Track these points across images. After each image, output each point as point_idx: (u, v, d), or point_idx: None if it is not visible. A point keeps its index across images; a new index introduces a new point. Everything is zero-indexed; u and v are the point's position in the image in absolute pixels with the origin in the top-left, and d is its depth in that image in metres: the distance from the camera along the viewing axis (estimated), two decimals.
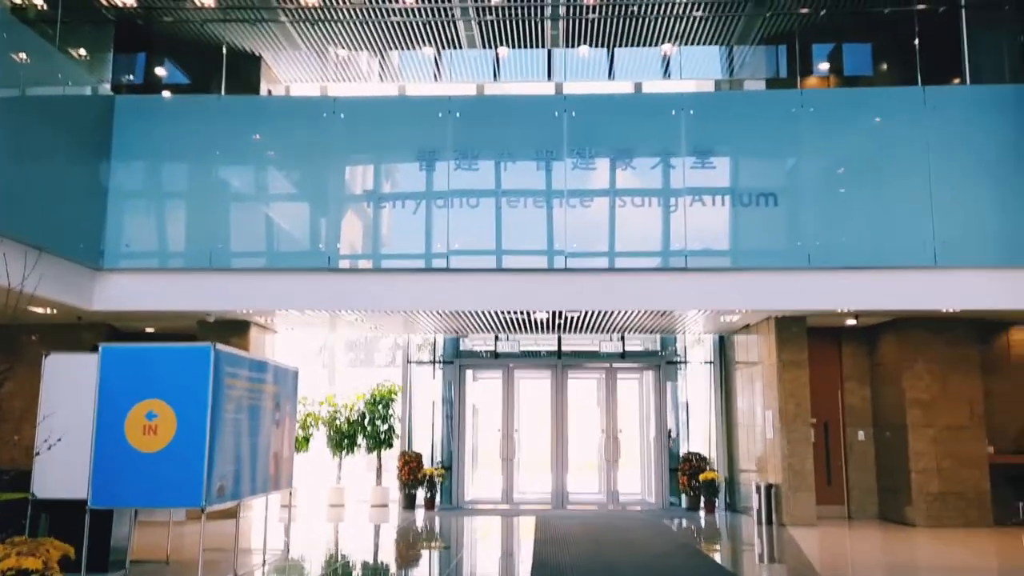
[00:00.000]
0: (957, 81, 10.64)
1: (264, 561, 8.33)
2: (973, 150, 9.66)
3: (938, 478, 11.06)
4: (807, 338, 11.30)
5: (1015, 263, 9.36)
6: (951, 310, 10.00)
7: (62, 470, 6.83)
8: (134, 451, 6.76)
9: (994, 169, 9.56)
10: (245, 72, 11.66)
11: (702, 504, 12.95)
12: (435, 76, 12.56)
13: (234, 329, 11.41)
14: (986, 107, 9.76)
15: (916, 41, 10.74)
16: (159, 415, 6.78)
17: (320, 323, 11.86)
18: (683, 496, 13.30)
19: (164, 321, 11.46)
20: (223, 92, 10.94)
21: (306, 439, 13.70)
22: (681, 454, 13.48)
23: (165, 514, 9.37)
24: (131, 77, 11.59)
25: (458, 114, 9.96)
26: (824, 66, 11.96)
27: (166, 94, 11.39)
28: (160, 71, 11.81)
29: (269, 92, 12.30)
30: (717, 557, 9.25)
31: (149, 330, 12.31)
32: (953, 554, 9.07)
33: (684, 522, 11.82)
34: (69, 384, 7.02)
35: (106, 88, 10.21)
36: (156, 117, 10.08)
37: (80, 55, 10.50)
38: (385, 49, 11.81)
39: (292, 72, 12.43)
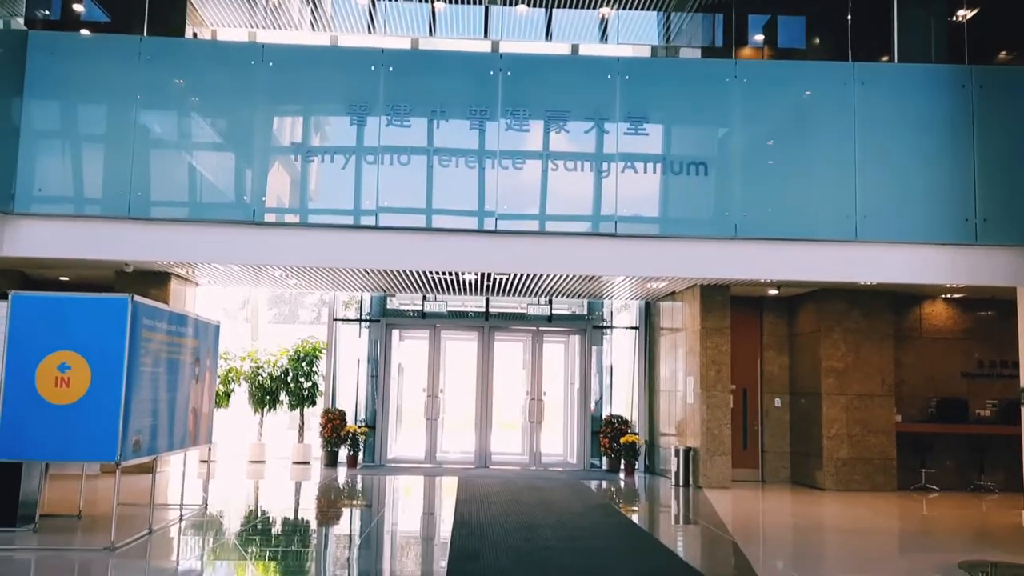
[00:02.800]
0: (886, 59, 10.97)
1: (181, 516, 8.30)
2: (898, 127, 10.00)
3: (848, 444, 11.61)
4: (730, 307, 11.66)
5: (931, 239, 9.77)
6: (869, 283, 10.42)
7: None
8: (45, 403, 6.65)
9: (917, 147, 9.92)
10: (169, 13, 11.28)
11: (622, 466, 13.32)
12: (369, 28, 12.37)
13: (153, 281, 11.19)
14: (912, 86, 10.08)
15: (848, 17, 11.02)
16: (72, 367, 6.67)
17: (244, 277, 11.70)
18: (604, 458, 13.66)
19: (80, 270, 11.16)
20: (145, 33, 10.57)
21: (227, 395, 13.58)
22: (603, 417, 13.81)
23: (78, 468, 9.23)
24: (47, 12, 11.11)
25: (391, 68, 9.85)
26: (759, 37, 12.18)
27: (84, 32, 10.96)
28: (78, 7, 11.33)
29: (195, 35, 11.94)
30: (634, 517, 9.58)
31: (64, 279, 11.97)
32: (857, 516, 9.58)
33: (604, 483, 12.17)
34: None
35: (19, 23, 9.77)
36: (73, 56, 9.70)
37: None
38: None
39: (219, 15, 12.07)
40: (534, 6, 11.74)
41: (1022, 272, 9.61)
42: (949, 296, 12.33)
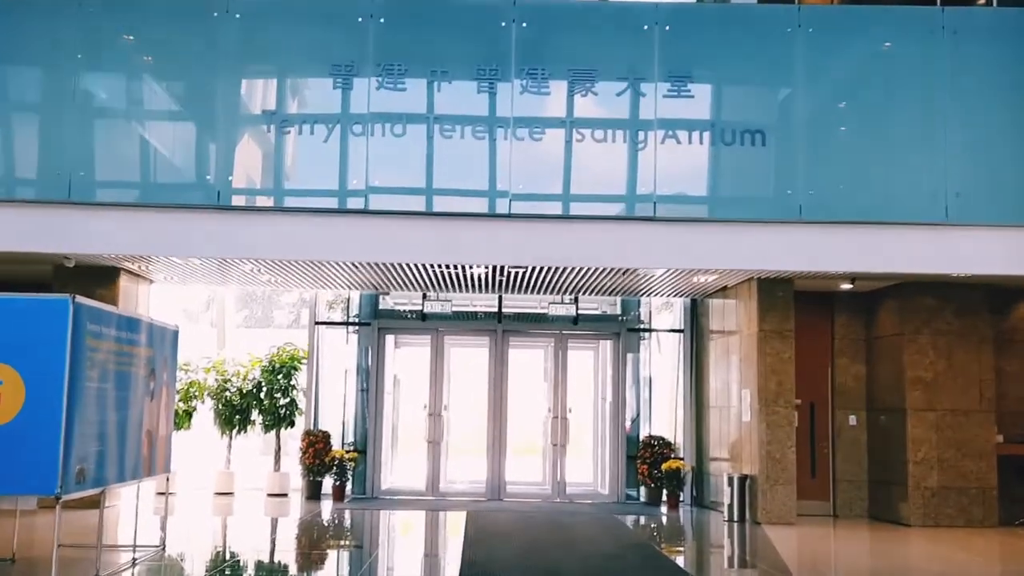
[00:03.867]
0: (983, 2, 10.88)
1: (135, 560, 8.33)
2: (998, 86, 9.92)
3: (939, 470, 11.53)
4: (794, 305, 11.59)
5: None
6: (963, 275, 10.33)
7: None
8: None
9: (1021, 111, 9.83)
10: None
11: (664, 498, 13.29)
12: None
13: (100, 277, 11.23)
14: (1016, 34, 10.00)
15: None
16: (3, 382, 6.68)
17: (207, 273, 11.74)
18: (642, 488, 13.64)
19: (11, 265, 11.22)
20: None
21: (188, 414, 13.63)
22: (641, 439, 13.78)
23: (12, 503, 9.27)
24: None
25: (382, 19, 9.84)
26: None
27: None
28: None
29: None
30: (679, 560, 9.55)
31: None
32: (951, 558, 9.51)
33: (642, 518, 12.15)
34: None
35: None
36: None
37: None
38: None
39: None
40: None
41: None
42: None
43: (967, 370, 11.72)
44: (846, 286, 11.97)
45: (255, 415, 13.97)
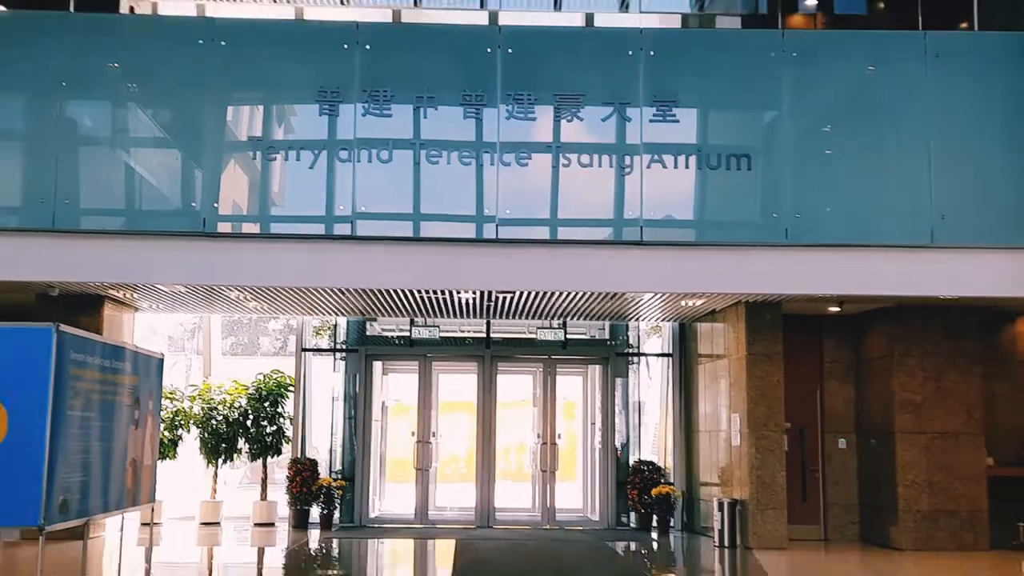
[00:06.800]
0: (964, 26, 10.99)
1: None
2: (981, 108, 10.01)
3: (929, 494, 11.52)
4: (782, 328, 11.62)
5: None
6: (950, 296, 10.38)
7: None
8: None
9: (1005, 131, 9.92)
10: None
11: (654, 523, 13.25)
12: None
13: (84, 305, 11.19)
14: (997, 58, 10.10)
15: None
16: None
17: (193, 300, 11.71)
18: (632, 514, 13.60)
19: None
20: (72, 8, 10.64)
21: (174, 443, 13.55)
22: (631, 464, 13.75)
23: None
24: None
25: (368, 46, 9.89)
26: (811, 2, 12.19)
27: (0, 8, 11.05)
28: None
29: (131, 10, 11.98)
30: None
31: None
32: None
33: (633, 545, 12.11)
34: None
35: None
36: None
37: None
38: None
39: None
40: None
41: None
42: None
43: (956, 392, 11.75)
44: (834, 309, 12.01)
45: (241, 444, 13.88)
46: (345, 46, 9.90)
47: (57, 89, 9.69)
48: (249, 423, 13.82)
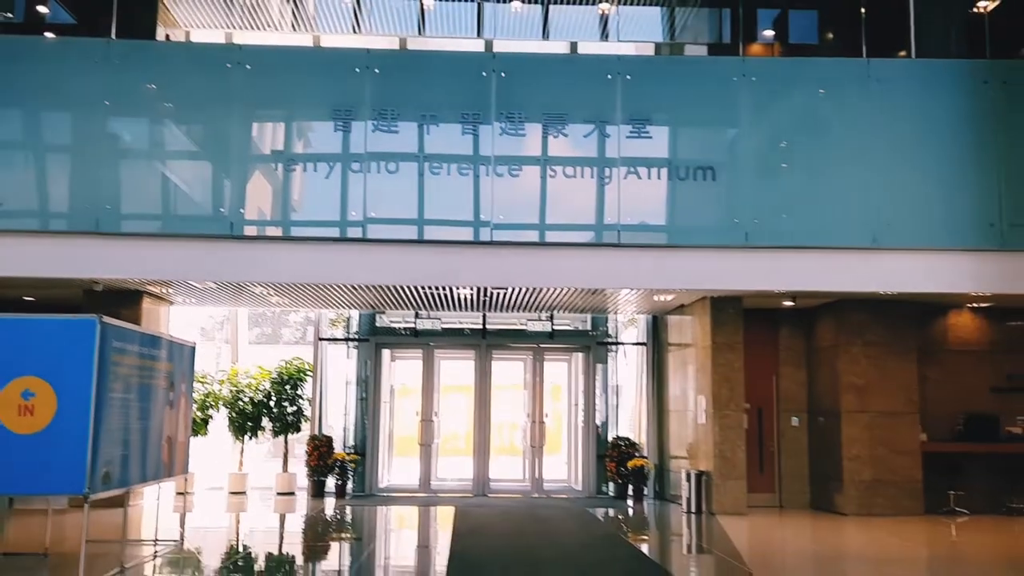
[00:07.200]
0: (904, 54, 10.98)
1: (155, 553, 8.20)
2: (917, 127, 9.99)
3: (871, 466, 11.52)
4: (743, 320, 11.60)
5: (955, 245, 9.75)
6: (890, 293, 10.38)
7: None
8: (8, 433, 6.56)
9: (938, 148, 9.91)
10: (139, 14, 11.26)
11: (630, 492, 13.23)
12: (354, 27, 12.35)
13: (124, 300, 11.12)
14: (932, 82, 10.08)
15: (862, 10, 11.03)
16: (37, 394, 6.59)
17: (222, 295, 11.64)
18: (610, 484, 13.57)
19: (45, 289, 11.09)
20: (113, 36, 10.55)
21: (205, 421, 13.47)
22: (610, 440, 13.72)
23: (44, 502, 9.13)
24: (9, 15, 11.09)
25: (377, 70, 9.83)
26: (769, 33, 12.19)
27: (49, 35, 10.94)
28: (42, 9, 11.33)
29: (167, 37, 11.92)
30: (643, 547, 9.50)
31: (29, 299, 11.91)
32: (881, 542, 9.49)
33: (610, 511, 12.08)
34: None
35: None
36: (37, 61, 9.68)
37: None
38: None
39: (193, 16, 12.05)
40: (530, 2, 11.74)
41: None
42: (976, 306, 12.27)
43: (895, 377, 11.75)
44: (788, 304, 12.00)
45: (265, 422, 13.82)
46: (357, 70, 9.83)
47: (100, 107, 9.61)
48: (272, 404, 13.76)
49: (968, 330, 12.48)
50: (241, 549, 9.13)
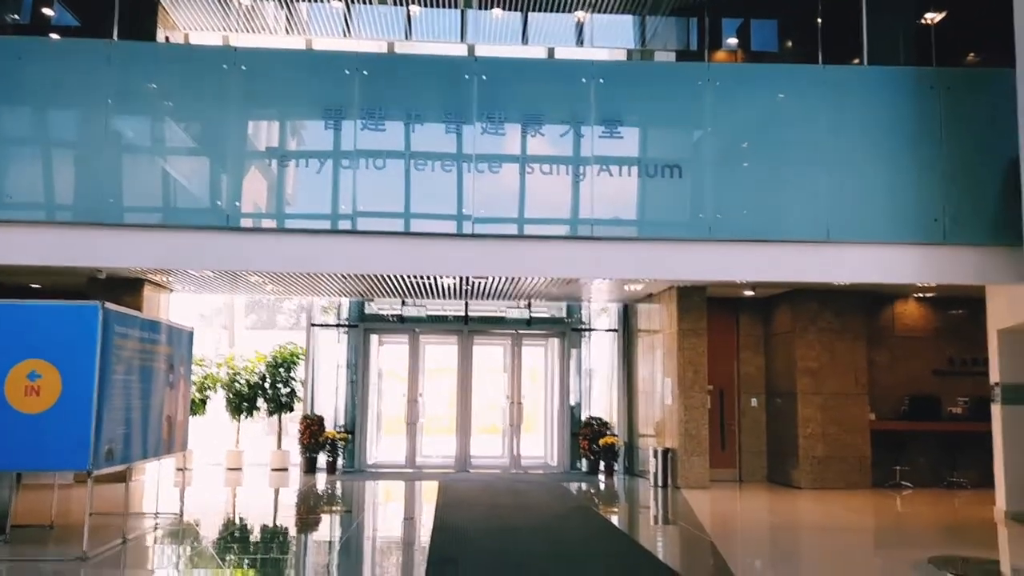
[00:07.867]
0: (856, 61, 11.02)
1: (156, 525, 8.15)
2: (867, 129, 10.01)
3: (823, 443, 11.64)
4: (706, 308, 11.66)
5: (901, 239, 9.80)
6: (841, 283, 10.44)
7: None
8: (15, 412, 6.50)
9: (886, 149, 9.95)
10: (140, 17, 11.13)
11: (602, 468, 13.28)
12: (344, 31, 12.26)
13: (126, 287, 11.02)
14: (881, 88, 10.10)
15: (819, 20, 11.06)
16: (42, 376, 6.53)
17: (220, 283, 11.55)
18: (584, 460, 13.61)
19: (51, 277, 10.97)
20: (115, 37, 10.41)
21: (203, 402, 13.39)
22: (583, 419, 13.76)
23: (50, 477, 9.05)
24: (16, 17, 10.92)
25: (366, 72, 9.75)
26: (732, 40, 12.21)
27: (54, 36, 10.78)
28: (47, 11, 11.16)
29: (167, 39, 11.78)
30: (613, 519, 9.54)
31: (35, 286, 11.77)
32: (832, 513, 9.60)
33: (583, 485, 12.12)
34: None
35: None
36: (42, 60, 9.53)
37: None
38: (293, 0, 11.46)
39: (192, 19, 11.92)
40: (510, 9, 11.70)
41: (989, 270, 9.65)
42: (920, 295, 12.41)
43: (846, 361, 11.86)
44: (748, 293, 12.07)
45: (260, 402, 13.76)
46: (347, 72, 9.74)
47: (103, 105, 9.48)
48: (267, 385, 13.70)
49: (913, 318, 12.60)
50: (237, 521, 9.09)
